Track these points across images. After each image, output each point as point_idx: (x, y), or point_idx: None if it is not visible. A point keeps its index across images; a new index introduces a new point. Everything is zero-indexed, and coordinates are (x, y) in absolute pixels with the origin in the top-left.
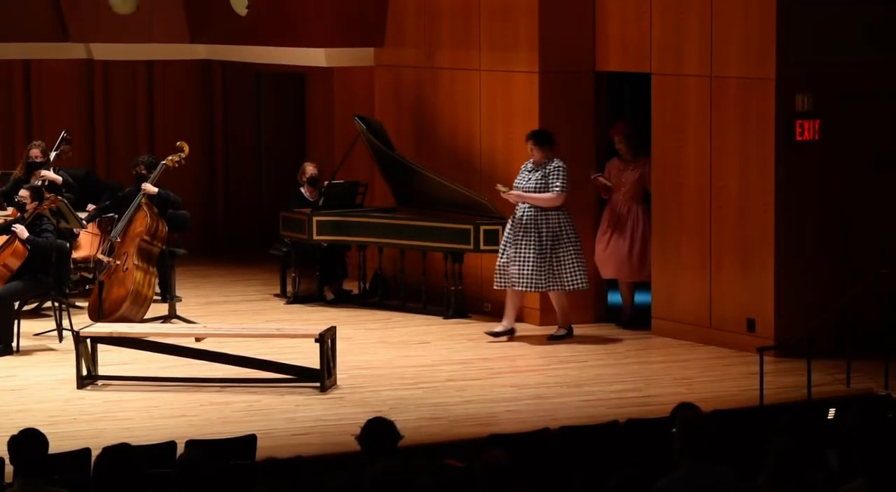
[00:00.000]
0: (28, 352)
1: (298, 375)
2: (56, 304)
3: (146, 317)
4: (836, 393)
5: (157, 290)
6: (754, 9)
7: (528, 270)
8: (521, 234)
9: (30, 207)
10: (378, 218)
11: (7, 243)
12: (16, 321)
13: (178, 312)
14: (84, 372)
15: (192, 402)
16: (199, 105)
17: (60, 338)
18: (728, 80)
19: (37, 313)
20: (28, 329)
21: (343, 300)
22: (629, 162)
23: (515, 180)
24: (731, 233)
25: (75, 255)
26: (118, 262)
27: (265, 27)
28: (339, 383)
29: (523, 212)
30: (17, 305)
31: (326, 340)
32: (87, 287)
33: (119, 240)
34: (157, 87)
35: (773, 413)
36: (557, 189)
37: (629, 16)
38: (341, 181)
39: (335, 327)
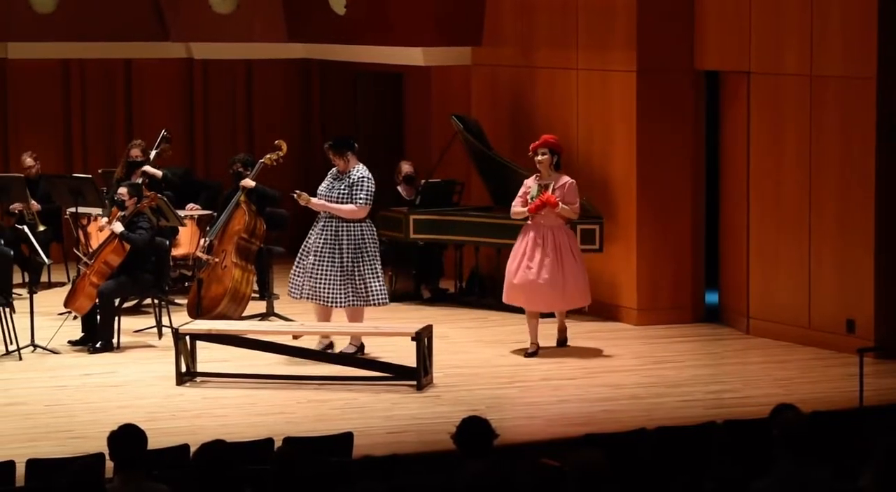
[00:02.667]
0: (128, 349)
1: (395, 373)
2: (156, 301)
3: (244, 314)
4: None
5: (256, 287)
6: (854, 7)
7: (327, 284)
8: (321, 244)
9: (129, 204)
10: (474, 217)
11: (108, 241)
12: (116, 318)
13: (276, 310)
14: (183, 369)
15: (289, 399)
16: (296, 104)
17: (160, 335)
18: (828, 79)
19: (137, 310)
20: (128, 326)
21: (439, 299)
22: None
23: (320, 187)
24: (830, 233)
25: (175, 252)
26: (217, 259)
27: (363, 26)
28: (435, 381)
29: (326, 221)
30: (117, 302)
31: (423, 339)
32: (187, 285)
33: (218, 238)
34: (255, 86)
35: (872, 415)
36: (361, 201)
37: (728, 14)
38: (438, 180)
39: (431, 326)
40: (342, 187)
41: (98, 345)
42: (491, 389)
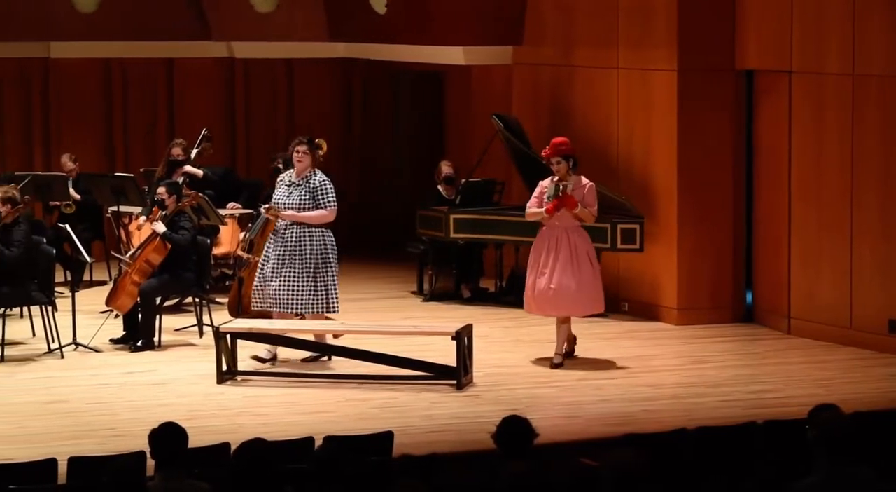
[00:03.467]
0: (169, 347)
1: (435, 372)
2: (196, 300)
3: None
4: None
5: None
6: None
7: (295, 292)
8: (282, 251)
9: (168, 202)
10: (515, 216)
11: (149, 240)
12: (157, 317)
13: None
14: (224, 367)
15: (329, 398)
16: (337, 103)
17: (201, 333)
18: (870, 78)
19: (178, 309)
20: (169, 325)
21: (479, 298)
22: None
23: (275, 196)
24: (872, 232)
25: (215, 251)
26: (258, 258)
27: (404, 26)
28: (475, 380)
29: (288, 230)
30: (158, 300)
31: (463, 338)
32: (227, 283)
33: (259, 236)
34: (296, 85)
35: None
36: (331, 205)
37: (769, 13)
38: (478, 179)
39: (471, 325)
40: (302, 194)
41: (139, 343)
42: (531, 388)
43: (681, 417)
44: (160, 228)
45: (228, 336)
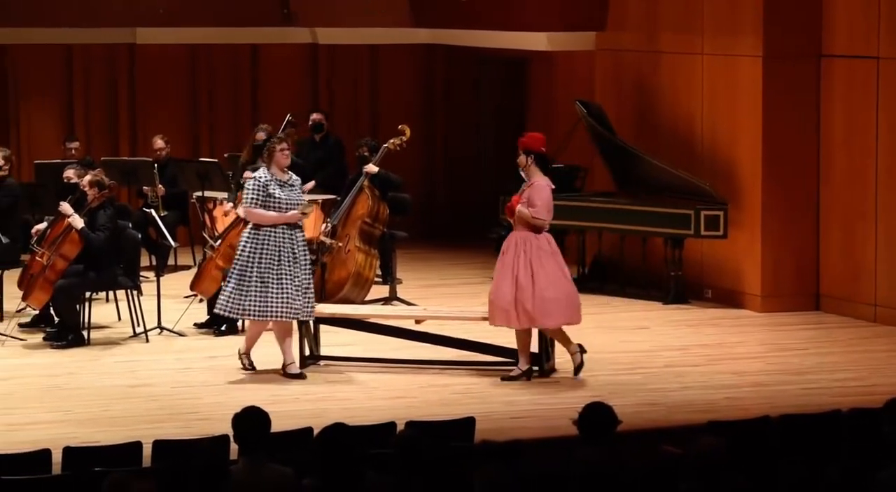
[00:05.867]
0: None
1: (518, 358)
2: None
3: (367, 299)
4: None
5: (379, 272)
6: None
7: (300, 296)
8: (292, 256)
9: None
10: (598, 203)
11: (234, 225)
12: None
13: (399, 295)
14: (307, 352)
15: (411, 383)
16: (420, 89)
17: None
18: None
19: None
20: None
21: None
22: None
23: (278, 196)
24: None
25: None
26: (340, 244)
27: (487, 12)
28: (557, 367)
29: (287, 231)
30: None
31: None
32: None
33: (341, 222)
34: (380, 71)
35: None
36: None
37: None
38: (561, 166)
39: None
40: (297, 194)
41: (223, 328)
42: (613, 374)
43: (764, 404)
44: (243, 211)
45: (311, 321)
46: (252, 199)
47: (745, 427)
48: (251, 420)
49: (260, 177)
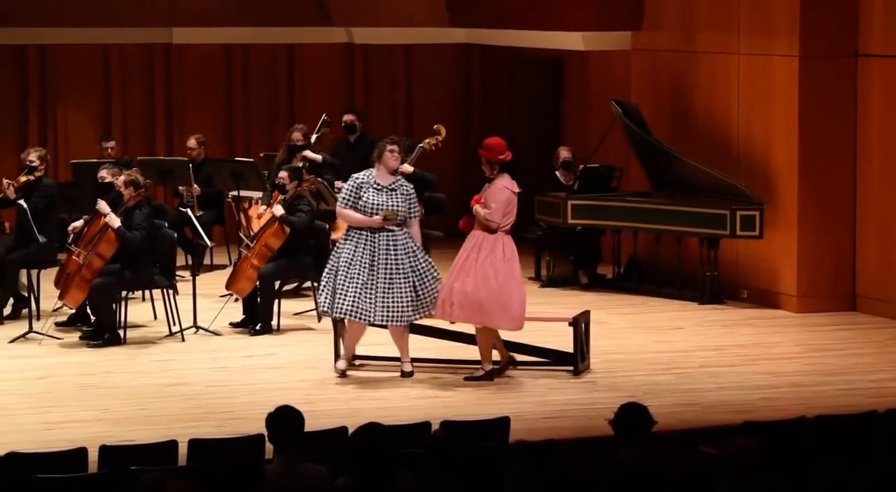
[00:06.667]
0: (288, 331)
1: (552, 358)
2: (315, 284)
3: None
4: None
5: None
6: None
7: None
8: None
9: (289, 187)
10: (633, 202)
11: (269, 224)
12: (276, 301)
13: None
14: (341, 352)
15: (446, 383)
16: (456, 89)
17: (319, 318)
18: None
19: (296, 293)
20: (288, 309)
21: (597, 284)
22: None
23: (370, 200)
24: None
25: (334, 236)
26: None
27: (523, 11)
28: (592, 367)
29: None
30: (277, 284)
31: (580, 324)
32: None
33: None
34: (415, 70)
35: None
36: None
37: None
38: (597, 165)
39: (589, 311)
40: (395, 199)
41: (258, 327)
42: (648, 375)
43: (800, 405)
44: (279, 210)
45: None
46: (343, 198)
47: (781, 428)
48: (284, 419)
49: (357, 177)
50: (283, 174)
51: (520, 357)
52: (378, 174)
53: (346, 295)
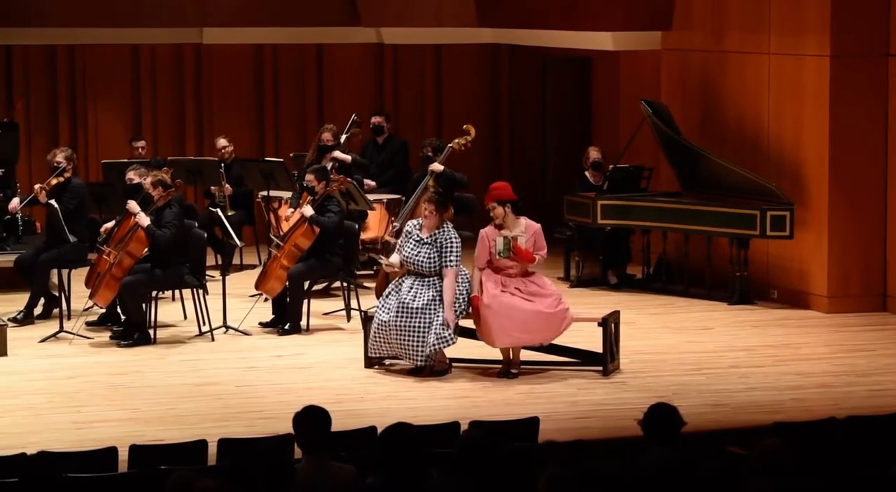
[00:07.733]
0: (317, 331)
1: (581, 358)
2: (344, 284)
3: None
4: None
5: None
6: None
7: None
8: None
9: (318, 188)
10: (663, 202)
11: (298, 224)
12: (305, 301)
13: None
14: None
15: (475, 383)
16: (485, 89)
17: (348, 318)
18: None
19: (326, 293)
20: (317, 309)
21: (626, 284)
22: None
23: (406, 251)
24: None
25: (363, 236)
26: None
27: (552, 11)
28: (621, 367)
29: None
30: (306, 285)
31: (610, 324)
32: (375, 268)
33: (405, 222)
34: (444, 70)
35: None
36: (452, 263)
37: None
38: (626, 165)
39: (618, 311)
40: (410, 248)
41: (287, 327)
42: (677, 375)
43: (830, 406)
44: (308, 211)
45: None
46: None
47: (811, 428)
48: (311, 419)
49: (409, 223)
50: (309, 177)
51: (548, 357)
52: (418, 226)
53: None
